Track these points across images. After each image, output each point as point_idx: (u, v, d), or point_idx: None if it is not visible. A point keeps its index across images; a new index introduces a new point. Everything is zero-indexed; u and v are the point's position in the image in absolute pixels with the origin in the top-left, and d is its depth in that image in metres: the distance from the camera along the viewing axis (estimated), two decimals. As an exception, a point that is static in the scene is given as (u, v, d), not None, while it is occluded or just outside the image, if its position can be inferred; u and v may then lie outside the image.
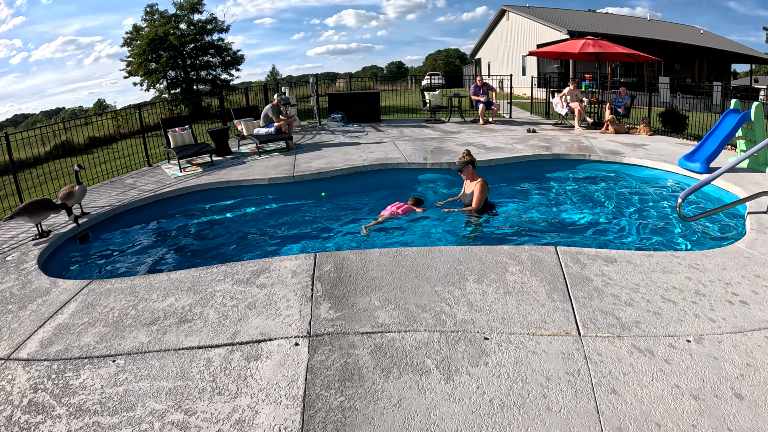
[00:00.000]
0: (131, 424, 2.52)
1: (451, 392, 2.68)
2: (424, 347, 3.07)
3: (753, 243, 4.58)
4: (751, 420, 2.43)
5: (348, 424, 2.49)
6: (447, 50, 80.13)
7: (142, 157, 9.78)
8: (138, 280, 4.20)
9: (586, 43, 12.68)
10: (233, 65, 27.29)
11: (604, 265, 4.07)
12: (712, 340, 3.08)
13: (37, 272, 4.55)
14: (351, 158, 8.91)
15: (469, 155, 6.06)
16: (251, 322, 3.40)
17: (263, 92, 15.71)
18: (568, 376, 2.77)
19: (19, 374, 2.99)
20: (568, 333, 3.17)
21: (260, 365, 2.95)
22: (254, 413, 2.57)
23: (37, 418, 2.60)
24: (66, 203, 5.73)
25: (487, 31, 37.16)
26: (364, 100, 14.32)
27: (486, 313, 3.41)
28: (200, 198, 7.46)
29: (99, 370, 2.98)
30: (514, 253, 4.34)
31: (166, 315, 3.56)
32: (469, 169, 6.03)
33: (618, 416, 2.49)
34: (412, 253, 4.39)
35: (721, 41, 31.43)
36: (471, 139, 10.66)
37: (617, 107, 12.05)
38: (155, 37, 23.81)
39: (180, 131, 9.26)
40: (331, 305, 3.56)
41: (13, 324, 3.59)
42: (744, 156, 5.69)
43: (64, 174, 9.22)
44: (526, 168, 8.62)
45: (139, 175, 8.60)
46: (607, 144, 9.76)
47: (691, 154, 7.68)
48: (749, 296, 3.59)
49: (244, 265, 4.32)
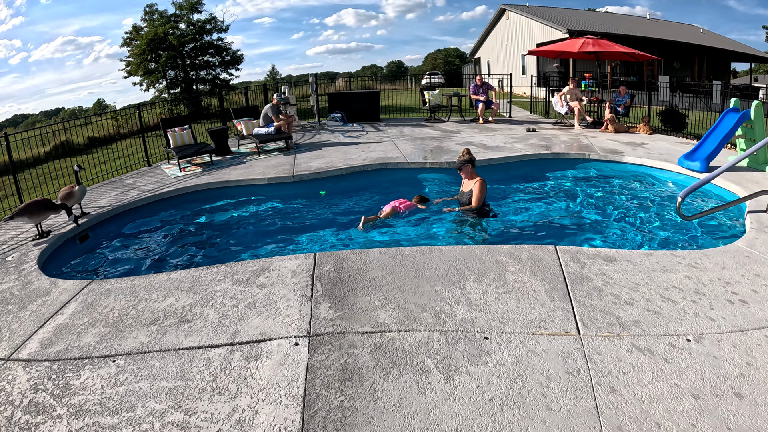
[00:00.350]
0: (131, 425, 2.53)
1: (450, 392, 2.68)
2: (424, 347, 3.07)
3: (753, 242, 4.58)
4: (751, 419, 2.43)
5: (348, 423, 2.49)
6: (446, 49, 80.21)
7: (141, 157, 9.78)
8: (138, 280, 4.20)
9: (586, 42, 12.68)
10: (233, 65, 27.30)
11: (604, 265, 4.07)
12: (711, 339, 3.08)
13: (37, 273, 4.55)
14: (351, 158, 8.91)
15: (469, 154, 6.07)
16: (251, 321, 3.41)
17: (263, 92, 15.70)
18: (568, 376, 2.78)
19: (19, 375, 2.99)
20: (568, 332, 3.17)
21: (260, 365, 2.95)
22: (254, 413, 2.57)
23: (38, 418, 2.60)
24: (66, 203, 5.73)
25: (486, 31, 37.17)
26: (363, 99, 14.31)
27: (486, 312, 3.41)
28: (200, 198, 7.46)
29: (99, 370, 2.98)
30: (514, 252, 4.34)
31: (166, 315, 3.56)
32: (469, 167, 6.03)
33: (618, 415, 2.49)
34: (412, 252, 4.39)
35: (721, 40, 31.42)
36: (471, 139, 10.66)
37: (617, 106, 12.05)
38: (155, 37, 23.82)
39: (179, 131, 9.26)
40: (331, 305, 3.56)
41: (14, 324, 3.59)
42: (744, 155, 5.69)
43: (63, 174, 9.23)
44: (526, 167, 8.62)
45: (139, 175, 8.60)
46: (606, 143, 9.76)
47: (690, 153, 7.68)
48: (749, 295, 3.59)
49: (243, 264, 4.32)
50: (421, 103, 14.82)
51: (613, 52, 13.12)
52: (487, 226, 5.88)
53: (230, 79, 27.62)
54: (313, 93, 13.86)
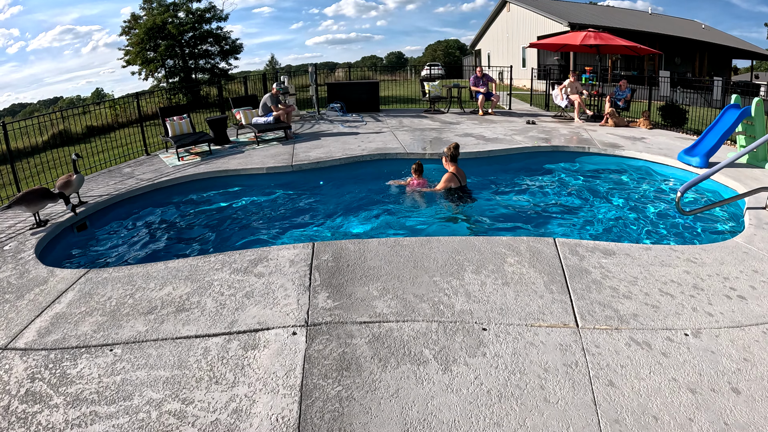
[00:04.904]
0: (128, 414, 2.52)
1: (448, 382, 2.68)
2: (422, 337, 3.06)
3: (751, 238, 4.58)
4: (748, 414, 2.44)
5: (345, 413, 2.49)
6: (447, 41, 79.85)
7: (140, 146, 9.73)
8: (135, 269, 4.19)
9: (587, 36, 12.60)
10: (232, 54, 27.11)
11: (603, 258, 4.07)
12: (709, 334, 3.08)
13: (34, 262, 4.54)
14: (349, 148, 8.88)
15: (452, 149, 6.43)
16: (249, 311, 3.40)
17: (262, 81, 15.63)
18: (566, 368, 2.78)
19: (16, 364, 2.98)
20: (566, 325, 3.17)
21: (258, 354, 2.94)
22: (251, 402, 2.57)
23: (35, 407, 2.60)
24: (63, 192, 5.70)
25: (487, 22, 37.00)
26: (363, 89, 14.25)
27: (484, 303, 3.41)
28: (198, 187, 7.43)
29: (96, 359, 2.97)
30: (513, 244, 4.33)
31: (163, 304, 3.56)
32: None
33: (615, 408, 2.49)
34: (411, 242, 4.38)
35: (723, 36, 31.32)
36: (470, 130, 10.63)
37: (617, 100, 12.01)
38: (153, 26, 23.63)
39: (178, 120, 9.21)
40: (329, 294, 3.56)
41: (11, 313, 3.58)
42: (744, 151, 5.67)
43: (61, 163, 9.19)
44: (525, 159, 8.61)
45: (137, 164, 8.56)
46: (606, 137, 9.74)
47: (690, 149, 7.67)
48: (747, 291, 3.59)
49: (242, 254, 4.31)
50: (421, 94, 14.76)
51: (614, 46, 13.04)
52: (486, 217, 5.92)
53: (229, 69, 27.45)
54: (313, 83, 13.79)
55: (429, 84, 14.09)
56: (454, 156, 6.34)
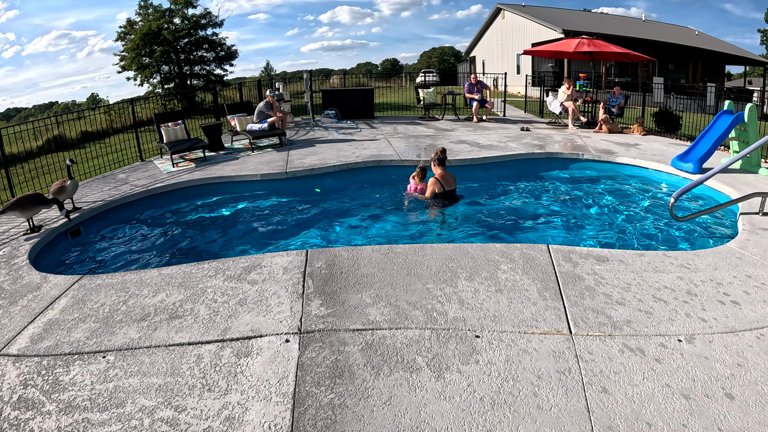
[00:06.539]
0: (121, 421, 2.51)
1: (441, 390, 2.68)
2: (415, 345, 3.06)
3: (745, 244, 4.60)
4: (742, 420, 2.44)
5: (338, 421, 2.48)
6: (442, 48, 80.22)
7: (134, 152, 9.72)
8: (129, 275, 4.17)
9: (581, 43, 12.67)
10: (227, 60, 27.21)
11: (596, 264, 4.08)
12: (703, 339, 3.09)
13: (27, 267, 4.51)
14: (344, 155, 8.89)
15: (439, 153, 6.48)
16: (242, 318, 3.39)
17: (257, 88, 15.65)
18: (559, 375, 2.78)
19: (9, 370, 2.96)
20: (560, 331, 3.17)
21: (250, 362, 2.93)
22: (244, 410, 2.56)
23: (27, 414, 2.58)
24: (58, 198, 5.68)
25: (482, 30, 37.23)
26: (358, 96, 14.28)
27: (477, 311, 3.41)
28: (192, 193, 7.41)
29: (89, 366, 2.96)
30: (506, 251, 4.34)
31: (156, 311, 3.54)
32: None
33: (609, 415, 2.49)
34: (404, 249, 4.38)
35: (716, 43, 31.60)
36: (464, 137, 10.66)
37: (611, 107, 12.08)
38: (149, 32, 23.69)
39: (173, 126, 9.19)
40: (322, 302, 3.55)
41: (3, 319, 3.55)
42: (737, 157, 5.71)
43: (56, 168, 9.15)
44: (519, 166, 8.63)
45: (132, 170, 8.54)
46: (600, 143, 9.79)
47: (684, 155, 7.71)
48: (741, 296, 3.61)
49: (235, 261, 4.30)
50: (416, 101, 14.79)
51: (608, 53, 13.12)
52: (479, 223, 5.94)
53: (224, 75, 27.54)
54: (308, 90, 13.80)
55: (424, 91, 14.13)
56: (441, 160, 6.37)
